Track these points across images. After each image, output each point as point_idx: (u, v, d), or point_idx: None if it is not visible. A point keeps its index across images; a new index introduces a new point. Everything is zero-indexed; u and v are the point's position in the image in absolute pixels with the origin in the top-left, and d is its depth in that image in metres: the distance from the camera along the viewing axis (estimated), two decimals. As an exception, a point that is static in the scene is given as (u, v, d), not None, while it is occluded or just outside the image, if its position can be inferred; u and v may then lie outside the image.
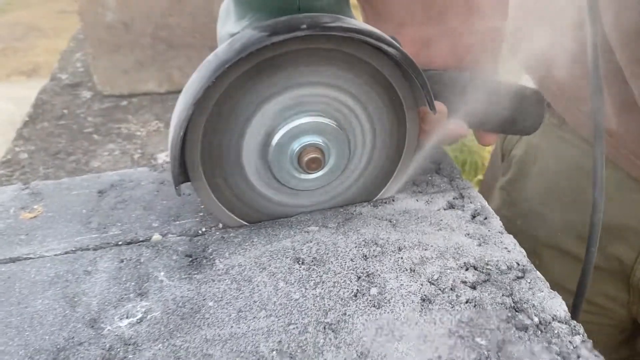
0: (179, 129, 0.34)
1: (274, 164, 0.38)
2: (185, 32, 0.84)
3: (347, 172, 0.41)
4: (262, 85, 0.35)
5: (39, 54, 3.30)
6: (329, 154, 0.38)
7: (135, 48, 0.85)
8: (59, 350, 0.31)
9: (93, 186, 0.47)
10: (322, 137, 0.37)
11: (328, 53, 0.35)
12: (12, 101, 2.52)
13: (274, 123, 0.37)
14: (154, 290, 0.35)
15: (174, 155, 0.35)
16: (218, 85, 0.34)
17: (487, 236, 0.39)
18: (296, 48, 0.35)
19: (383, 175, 0.43)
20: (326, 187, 0.41)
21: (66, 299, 0.35)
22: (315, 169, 0.38)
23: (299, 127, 0.37)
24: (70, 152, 0.76)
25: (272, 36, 0.32)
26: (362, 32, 0.34)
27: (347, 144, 0.39)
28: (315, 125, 0.37)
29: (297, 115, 0.37)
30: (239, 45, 0.33)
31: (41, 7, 4.09)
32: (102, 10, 0.82)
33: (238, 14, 0.36)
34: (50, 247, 0.40)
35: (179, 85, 0.88)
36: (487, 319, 0.32)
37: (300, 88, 0.36)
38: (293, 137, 0.37)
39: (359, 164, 0.41)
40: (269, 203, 0.41)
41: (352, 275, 0.36)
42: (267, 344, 0.31)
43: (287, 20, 0.33)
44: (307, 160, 0.37)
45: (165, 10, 0.83)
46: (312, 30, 0.33)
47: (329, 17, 0.34)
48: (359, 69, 0.37)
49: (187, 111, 0.33)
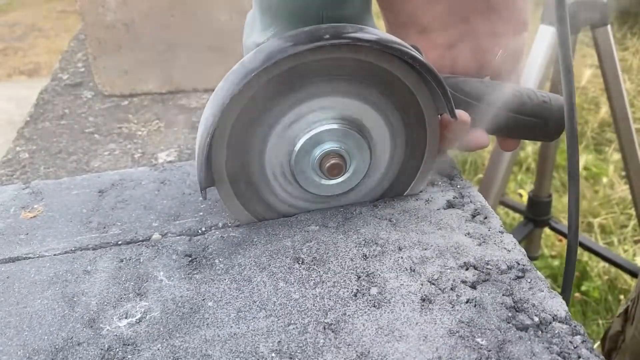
0: (207, 135, 0.35)
1: (297, 170, 0.39)
2: (186, 32, 0.84)
3: (367, 177, 0.41)
4: (286, 93, 0.36)
5: (39, 54, 3.30)
6: (350, 160, 0.39)
7: (136, 48, 0.85)
8: (58, 351, 0.31)
9: (93, 186, 0.47)
10: (343, 143, 0.38)
11: (350, 62, 0.36)
12: (13, 101, 2.52)
13: (296, 130, 0.38)
14: (153, 290, 0.35)
15: (201, 161, 0.36)
16: (244, 93, 0.35)
17: (487, 236, 0.39)
18: (319, 57, 0.35)
19: (404, 181, 0.43)
20: (348, 191, 0.41)
21: (65, 299, 0.35)
22: (336, 175, 0.39)
23: (320, 134, 0.38)
24: (71, 151, 0.76)
25: (297, 46, 0.34)
26: (384, 41, 0.35)
27: (368, 150, 0.39)
28: (336, 132, 0.38)
29: (319, 123, 0.38)
30: (264, 54, 0.34)
31: (41, 7, 4.09)
32: (103, 11, 0.82)
33: (263, 24, 0.37)
34: (50, 246, 0.40)
35: (180, 85, 0.88)
36: (488, 319, 0.32)
37: (322, 97, 0.37)
38: (315, 144, 0.38)
39: (380, 169, 0.41)
40: (290, 207, 0.42)
41: (352, 275, 0.36)
42: (266, 344, 0.31)
43: (311, 30, 0.35)
44: (328, 167, 0.38)
45: (165, 10, 0.83)
46: (334, 40, 0.34)
47: (351, 27, 0.35)
48: (380, 77, 0.37)
49: (215, 117, 0.35)
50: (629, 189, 1.14)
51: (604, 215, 1.70)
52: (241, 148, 0.38)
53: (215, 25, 0.82)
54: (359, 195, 0.42)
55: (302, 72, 0.36)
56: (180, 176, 0.48)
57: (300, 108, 0.37)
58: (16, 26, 3.76)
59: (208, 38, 0.84)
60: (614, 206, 1.74)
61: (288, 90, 0.36)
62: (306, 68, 0.36)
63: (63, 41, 2.60)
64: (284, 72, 0.35)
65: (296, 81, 0.36)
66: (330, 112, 0.38)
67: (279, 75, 0.35)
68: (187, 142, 0.77)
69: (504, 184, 1.14)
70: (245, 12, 0.42)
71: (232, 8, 0.82)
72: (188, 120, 0.82)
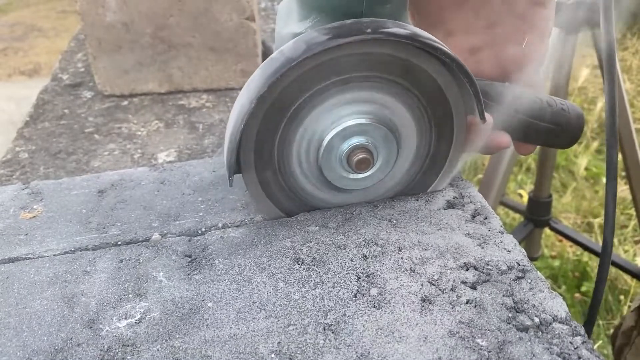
0: (241, 121, 0.35)
1: (324, 163, 0.39)
2: (186, 32, 0.84)
3: (393, 171, 0.42)
4: (321, 84, 0.36)
5: (39, 54, 3.30)
6: (377, 154, 0.39)
7: (136, 48, 0.85)
8: (57, 351, 0.31)
9: (93, 186, 0.47)
10: (371, 138, 0.38)
11: (387, 57, 0.36)
12: (12, 101, 2.53)
13: (325, 123, 0.38)
14: (153, 291, 0.35)
15: (233, 147, 0.36)
16: (279, 82, 0.35)
17: (487, 236, 0.39)
18: (359, 51, 0.35)
19: (425, 181, 0.43)
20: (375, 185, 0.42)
21: (65, 300, 0.35)
22: (364, 170, 0.39)
23: (349, 128, 0.38)
24: (71, 152, 0.76)
25: (338, 38, 0.34)
26: (423, 39, 0.35)
27: (395, 147, 0.39)
28: (365, 127, 0.38)
29: (348, 117, 0.38)
30: (305, 45, 0.34)
31: (41, 7, 4.09)
32: (102, 11, 0.82)
33: (301, 15, 0.38)
34: (49, 247, 0.40)
35: (179, 85, 0.88)
36: (488, 319, 0.32)
37: (356, 91, 0.37)
38: (343, 139, 0.38)
39: (405, 166, 0.42)
40: (314, 199, 0.42)
41: (352, 276, 0.36)
42: (266, 345, 0.31)
43: (352, 23, 0.34)
44: (356, 161, 0.38)
45: (165, 10, 0.83)
46: (376, 34, 0.34)
47: (391, 23, 0.35)
48: (415, 74, 0.38)
49: (251, 104, 0.34)
50: (629, 189, 1.14)
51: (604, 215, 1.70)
52: (271, 136, 0.38)
53: (215, 25, 0.82)
54: (379, 192, 0.43)
55: (340, 65, 0.36)
56: (180, 176, 0.48)
57: (333, 100, 0.37)
58: (16, 26, 3.76)
59: (208, 38, 0.84)
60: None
61: (323, 81, 0.36)
62: (345, 61, 0.36)
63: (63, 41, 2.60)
64: (323, 64, 0.35)
65: (333, 73, 0.36)
66: (362, 107, 0.38)
67: (317, 66, 0.35)
68: (186, 143, 0.77)
69: (504, 184, 1.14)
70: (245, 12, 0.42)
71: (232, 8, 0.82)
72: (188, 121, 0.82)
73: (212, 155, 0.74)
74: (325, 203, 0.43)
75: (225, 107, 0.85)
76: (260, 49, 0.88)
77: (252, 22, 0.82)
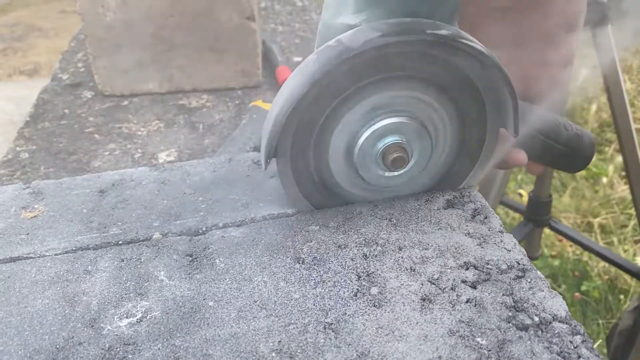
0: (289, 105, 0.35)
1: (359, 159, 0.39)
2: (186, 32, 0.84)
3: (426, 170, 0.42)
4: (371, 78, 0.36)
5: (39, 54, 3.30)
6: (411, 153, 0.39)
7: (136, 48, 0.85)
8: (58, 350, 0.31)
9: (94, 186, 0.47)
10: (406, 136, 0.39)
11: (439, 60, 0.37)
12: (13, 101, 2.53)
13: (363, 120, 0.38)
14: (154, 290, 0.35)
15: (276, 130, 0.36)
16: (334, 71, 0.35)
17: (487, 235, 0.39)
18: (413, 49, 0.36)
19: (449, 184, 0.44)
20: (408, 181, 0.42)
21: (66, 299, 0.35)
22: (399, 167, 0.39)
23: (385, 127, 0.38)
24: (72, 151, 0.76)
25: (398, 35, 0.34)
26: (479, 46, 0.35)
27: (430, 148, 0.40)
28: (401, 126, 0.38)
29: (386, 115, 0.38)
30: (365, 37, 0.34)
31: (41, 7, 4.09)
32: (103, 10, 0.82)
33: (356, 7, 0.37)
34: (50, 246, 0.40)
35: (179, 85, 0.88)
36: (488, 318, 0.32)
37: (400, 90, 0.38)
38: (378, 137, 0.38)
39: (434, 168, 0.43)
40: (347, 194, 0.42)
41: (352, 275, 0.36)
42: (267, 344, 0.31)
43: (412, 22, 0.35)
44: (391, 160, 0.38)
45: (165, 10, 0.83)
46: (434, 37, 0.34)
47: (449, 27, 0.35)
48: (461, 81, 0.38)
49: (303, 88, 0.34)
50: (629, 189, 1.14)
51: (604, 215, 1.71)
52: (311, 126, 0.38)
53: (216, 25, 0.82)
54: (408, 189, 0.44)
55: (393, 61, 0.36)
56: (181, 176, 0.48)
57: (377, 97, 0.37)
58: (16, 26, 3.76)
59: (208, 38, 0.84)
60: (614, 206, 1.74)
61: (374, 75, 0.36)
62: (398, 58, 0.36)
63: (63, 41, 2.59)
64: (378, 57, 0.35)
65: (385, 69, 0.36)
66: (403, 106, 0.38)
67: (372, 59, 0.35)
68: (187, 142, 0.77)
69: (504, 184, 1.14)
70: (245, 12, 0.42)
71: (233, 8, 0.82)
72: (188, 121, 0.82)
73: (212, 155, 0.74)
74: (353, 198, 0.43)
75: (226, 107, 0.85)
76: (260, 49, 0.88)
77: (252, 22, 0.82)
